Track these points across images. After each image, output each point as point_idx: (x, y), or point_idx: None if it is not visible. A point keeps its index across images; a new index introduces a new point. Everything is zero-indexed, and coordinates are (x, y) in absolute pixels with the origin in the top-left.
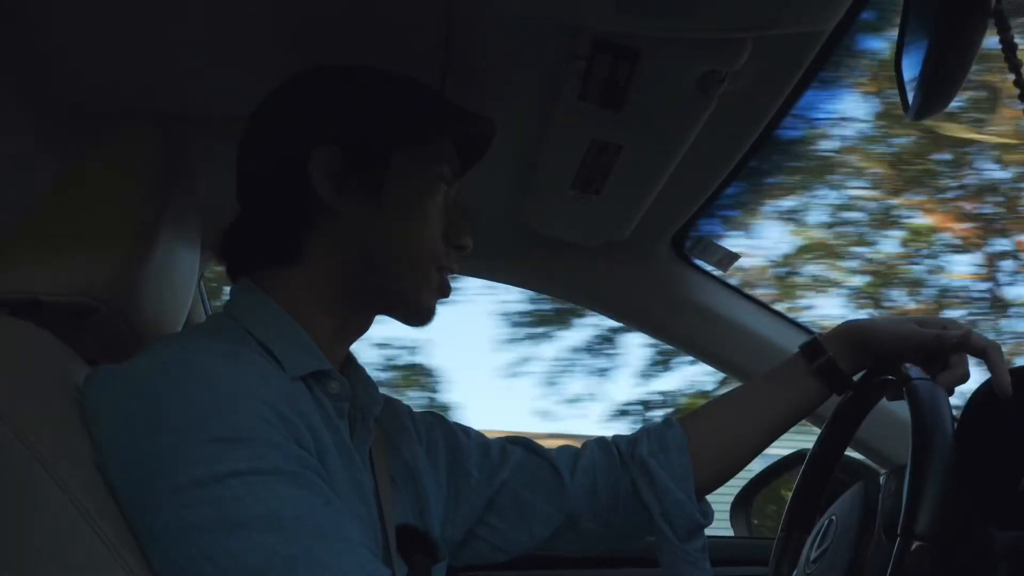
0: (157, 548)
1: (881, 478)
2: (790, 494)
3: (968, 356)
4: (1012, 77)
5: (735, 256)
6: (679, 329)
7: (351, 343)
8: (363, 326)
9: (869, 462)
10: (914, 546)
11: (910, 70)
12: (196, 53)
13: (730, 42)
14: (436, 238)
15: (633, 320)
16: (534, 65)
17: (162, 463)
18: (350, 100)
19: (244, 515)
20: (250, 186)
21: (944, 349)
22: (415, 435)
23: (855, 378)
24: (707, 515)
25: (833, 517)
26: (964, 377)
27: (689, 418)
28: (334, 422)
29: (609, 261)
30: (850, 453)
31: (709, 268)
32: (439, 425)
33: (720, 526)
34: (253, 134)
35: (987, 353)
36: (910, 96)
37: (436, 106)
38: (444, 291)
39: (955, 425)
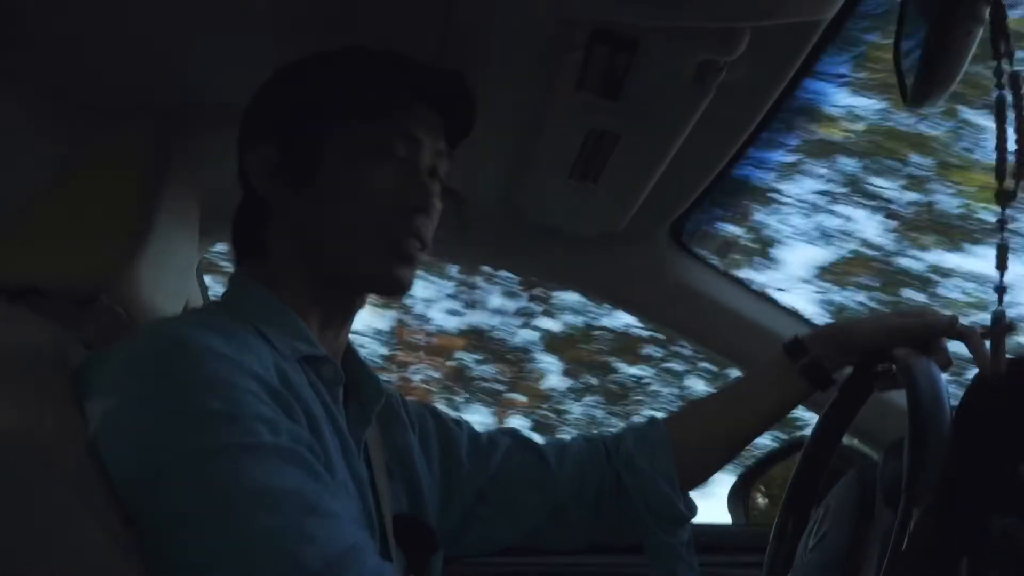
0: (149, 524)
1: (878, 459)
2: (787, 482)
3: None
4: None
5: (733, 244)
6: (678, 317)
7: (343, 329)
8: (348, 310)
9: (864, 448)
10: (919, 505)
11: (909, 56)
12: (194, 45)
13: (728, 31)
14: (381, 210)
15: (631, 308)
16: (532, 54)
17: (152, 439)
18: (282, 95)
19: (233, 490)
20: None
21: (933, 335)
22: (408, 424)
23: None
24: (691, 508)
25: (830, 504)
26: (949, 363)
27: (673, 416)
28: (329, 406)
29: (607, 250)
30: (845, 439)
31: (708, 256)
32: (431, 415)
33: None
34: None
35: (968, 336)
36: (909, 83)
37: (380, 78)
38: (406, 259)
39: (953, 413)
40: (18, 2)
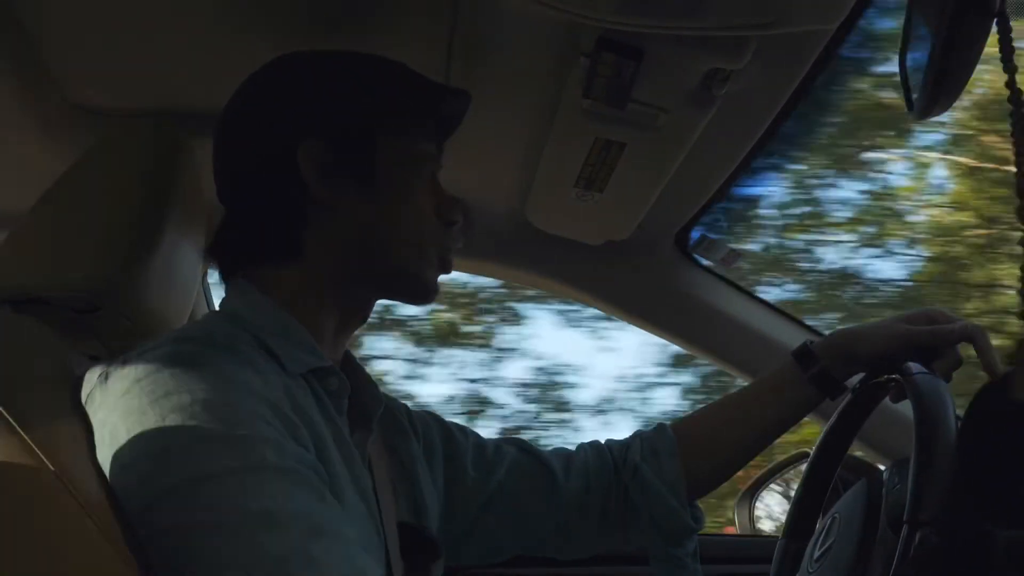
0: (153, 545)
1: (884, 473)
2: (793, 494)
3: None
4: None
5: (739, 254)
6: (683, 327)
7: (353, 333)
8: (365, 313)
9: (870, 460)
10: (920, 533)
11: (914, 68)
12: (199, 50)
13: (734, 40)
14: (430, 217)
15: (637, 318)
16: (538, 63)
17: (157, 461)
18: (329, 88)
19: (237, 513)
20: (236, 184)
21: (943, 343)
22: (411, 433)
23: (854, 381)
24: (698, 520)
25: (836, 515)
26: (958, 363)
27: (682, 424)
28: (334, 419)
29: (613, 259)
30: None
31: (713, 266)
32: (436, 424)
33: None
34: (233, 129)
35: (975, 338)
36: (914, 95)
37: (414, 84)
38: (445, 268)
39: (959, 424)
40: (25, 7)
